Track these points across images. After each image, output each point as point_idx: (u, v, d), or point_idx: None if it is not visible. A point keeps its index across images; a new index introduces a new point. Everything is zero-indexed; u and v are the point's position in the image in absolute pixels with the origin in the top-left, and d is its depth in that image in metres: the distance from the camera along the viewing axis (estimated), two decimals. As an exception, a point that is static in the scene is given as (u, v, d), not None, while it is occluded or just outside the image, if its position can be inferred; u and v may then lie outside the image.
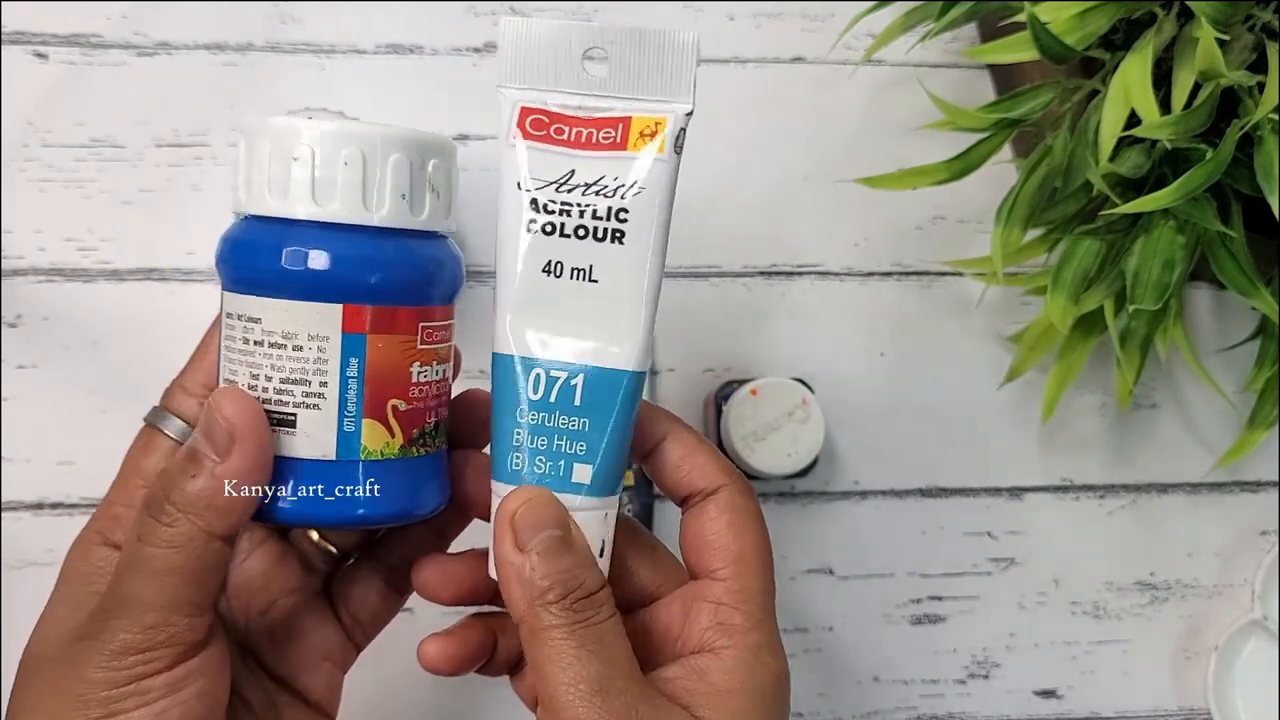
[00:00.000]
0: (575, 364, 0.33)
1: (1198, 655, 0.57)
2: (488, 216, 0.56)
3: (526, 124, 0.33)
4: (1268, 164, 0.43)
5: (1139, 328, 0.50)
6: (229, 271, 0.33)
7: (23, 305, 0.53)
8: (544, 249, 0.33)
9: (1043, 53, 0.44)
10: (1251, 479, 0.58)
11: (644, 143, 0.33)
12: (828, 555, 0.56)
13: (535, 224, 0.33)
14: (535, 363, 0.33)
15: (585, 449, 0.33)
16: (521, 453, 0.33)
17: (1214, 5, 0.43)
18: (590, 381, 0.33)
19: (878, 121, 0.59)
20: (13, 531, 0.52)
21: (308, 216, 0.32)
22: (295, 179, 0.32)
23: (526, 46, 0.33)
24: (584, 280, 0.33)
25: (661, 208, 0.33)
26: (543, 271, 0.33)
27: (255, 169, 0.32)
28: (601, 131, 0.33)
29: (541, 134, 0.33)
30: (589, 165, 0.33)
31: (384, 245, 0.32)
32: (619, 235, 0.33)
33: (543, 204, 0.33)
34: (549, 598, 0.31)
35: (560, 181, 0.33)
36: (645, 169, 0.33)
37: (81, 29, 0.55)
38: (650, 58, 0.33)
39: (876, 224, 0.58)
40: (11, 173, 0.54)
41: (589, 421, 0.33)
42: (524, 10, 0.58)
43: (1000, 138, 0.49)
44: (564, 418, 0.33)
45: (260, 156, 0.32)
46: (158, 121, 0.55)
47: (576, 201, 0.33)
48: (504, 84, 0.34)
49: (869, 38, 0.53)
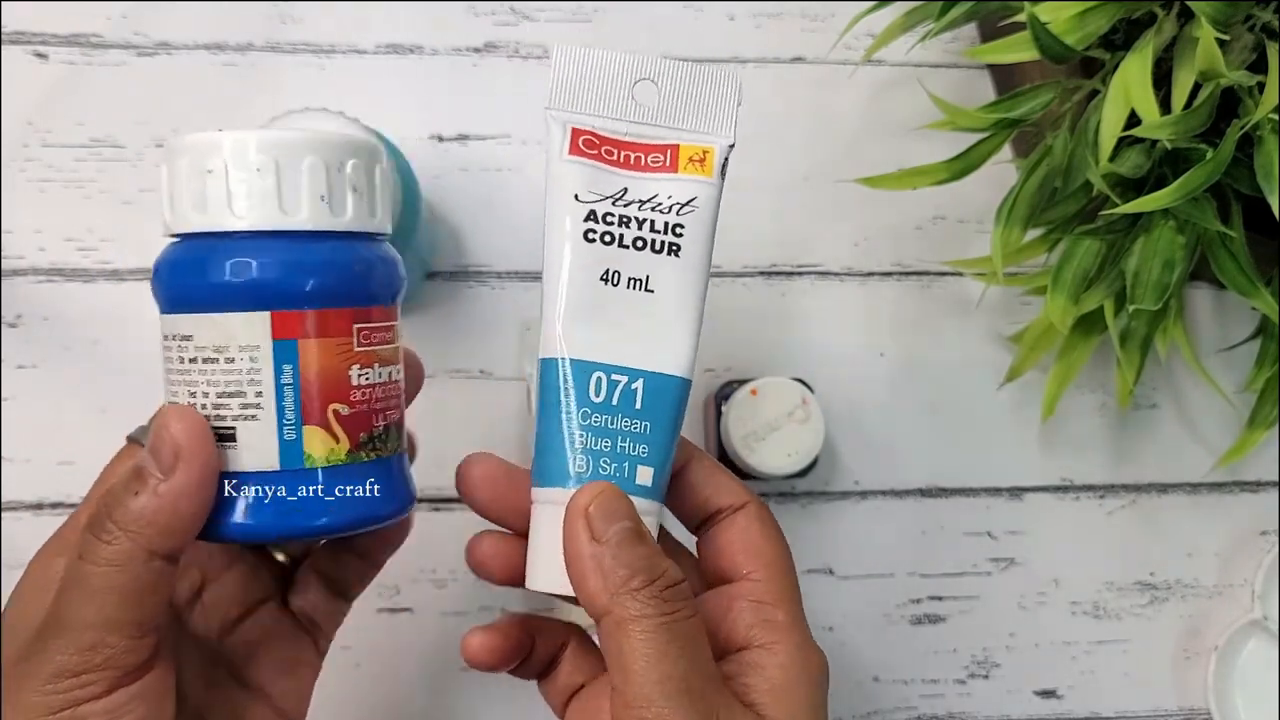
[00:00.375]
0: (636, 368, 0.34)
1: (1198, 655, 0.57)
2: (487, 216, 0.56)
3: (580, 143, 0.34)
4: (1268, 164, 0.43)
5: (1139, 328, 0.50)
6: (160, 294, 0.33)
7: (23, 305, 0.53)
8: (603, 258, 0.34)
9: (1043, 53, 0.44)
10: (1251, 479, 0.58)
11: (693, 167, 0.35)
12: (828, 555, 0.56)
13: (595, 233, 0.34)
14: (596, 366, 0.34)
15: (648, 451, 0.34)
16: (585, 455, 0.33)
17: (1214, 5, 0.43)
18: (650, 386, 0.34)
19: (878, 121, 0.59)
20: (13, 531, 0.52)
21: (228, 228, 0.31)
22: (211, 192, 0.32)
23: (579, 73, 0.34)
24: (640, 290, 0.34)
25: (711, 225, 0.35)
26: (600, 279, 0.34)
27: (176, 187, 0.32)
28: (650, 155, 0.35)
29: (593, 153, 0.34)
30: (641, 184, 0.34)
31: (307, 249, 0.32)
32: (675, 248, 0.34)
33: (601, 214, 0.34)
34: (634, 584, 0.31)
35: (615, 196, 0.34)
36: (697, 189, 0.34)
37: (81, 29, 0.55)
38: (697, 90, 0.35)
39: (876, 224, 0.58)
40: (11, 173, 0.54)
41: (650, 425, 0.34)
42: (525, 10, 0.58)
43: (1000, 138, 0.49)
44: (627, 420, 0.34)
45: (179, 175, 0.32)
46: (158, 121, 0.55)
47: (634, 215, 0.34)
48: (554, 107, 0.35)
49: (869, 38, 0.53)
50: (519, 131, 0.56)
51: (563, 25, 0.58)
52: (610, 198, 0.34)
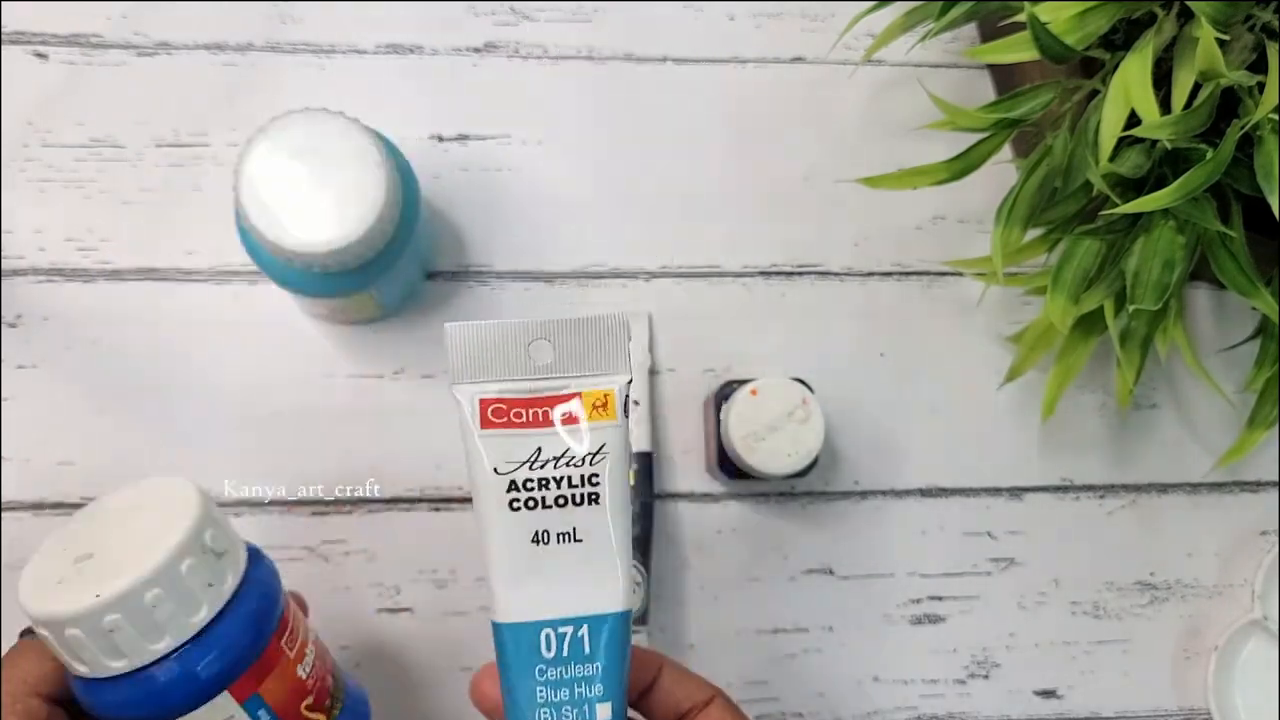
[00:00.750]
0: (579, 615, 0.36)
1: (1198, 655, 0.57)
2: (487, 216, 0.56)
3: (489, 414, 0.36)
4: (1268, 164, 0.43)
5: (1139, 328, 0.50)
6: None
7: (23, 305, 0.53)
8: (530, 522, 0.36)
9: (1043, 53, 0.44)
10: (1251, 479, 0.58)
11: (597, 414, 0.36)
12: (828, 555, 0.56)
13: (519, 501, 0.36)
14: (543, 624, 0.36)
15: (603, 690, 0.36)
16: (549, 708, 0.35)
17: (1214, 5, 0.43)
18: (594, 628, 0.36)
19: (878, 121, 0.59)
20: (13, 531, 0.52)
21: (149, 660, 0.36)
22: (116, 647, 0.35)
23: (476, 346, 0.36)
24: (569, 541, 0.36)
25: (625, 463, 0.36)
26: (532, 542, 0.36)
27: (81, 650, 0.35)
28: (557, 407, 0.36)
29: (503, 420, 0.36)
30: (552, 441, 0.36)
31: (222, 636, 0.37)
32: (595, 497, 0.36)
33: (521, 482, 0.36)
34: None
35: (531, 460, 0.36)
36: (604, 435, 0.36)
37: (81, 29, 0.55)
38: (588, 338, 0.36)
39: (876, 224, 0.58)
40: (11, 173, 0.54)
41: (602, 664, 0.36)
42: (525, 10, 0.58)
43: (1000, 138, 0.49)
44: (579, 666, 0.36)
45: (74, 640, 0.35)
46: (158, 121, 0.55)
47: (551, 475, 0.36)
48: (458, 382, 0.36)
49: (869, 38, 0.53)
50: (519, 131, 0.56)
51: (563, 25, 0.58)
52: (526, 463, 0.36)
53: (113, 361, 0.53)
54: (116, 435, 0.53)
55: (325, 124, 0.45)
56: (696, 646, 0.55)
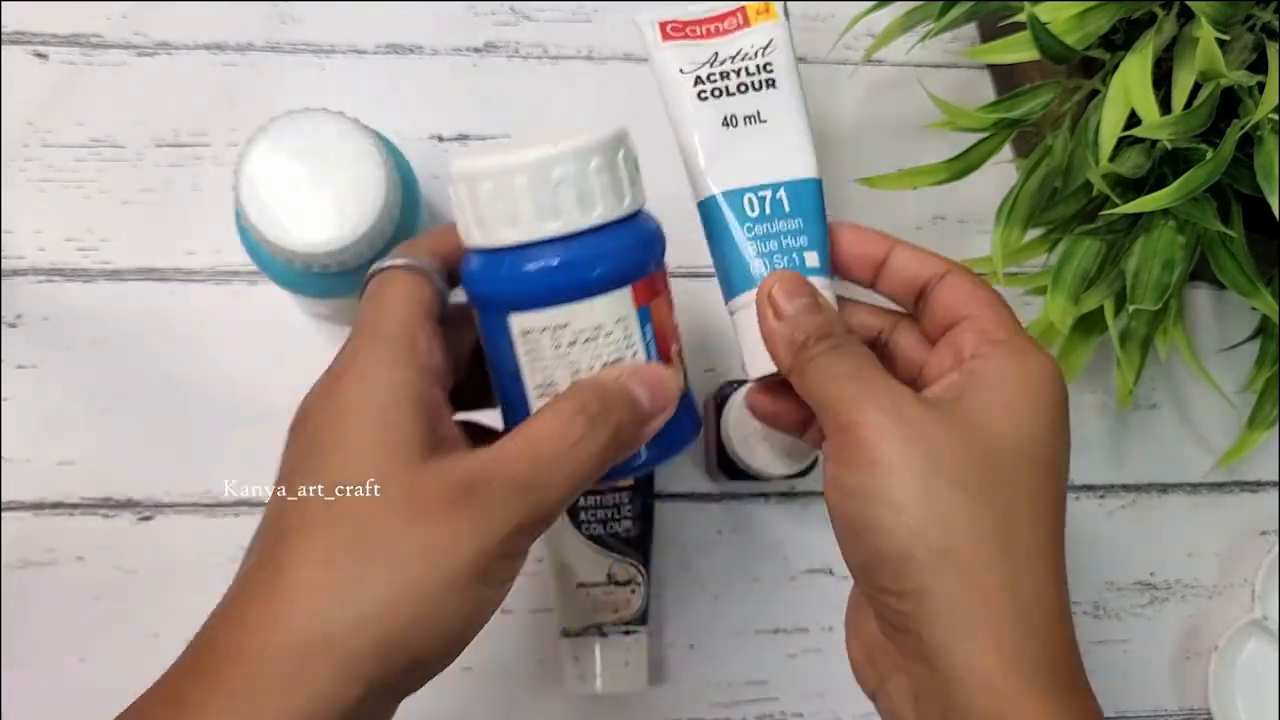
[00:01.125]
0: (774, 181, 0.42)
1: (1198, 655, 0.57)
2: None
3: (667, 30, 0.43)
4: (1267, 164, 0.43)
5: (1139, 328, 0.50)
6: (526, 295, 0.36)
7: (23, 305, 0.53)
8: (718, 109, 0.42)
9: (1043, 53, 0.44)
10: (1251, 479, 0.58)
11: (761, 18, 0.43)
12: (828, 555, 0.56)
13: (705, 92, 0.42)
14: (744, 190, 0.41)
15: (807, 241, 0.41)
16: (760, 259, 0.41)
17: (1214, 5, 0.43)
18: (790, 191, 0.42)
19: (878, 121, 0.59)
20: (13, 531, 0.52)
21: (578, 227, 0.36)
22: (556, 204, 0.36)
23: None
24: (756, 123, 0.42)
25: (791, 56, 0.43)
26: (722, 125, 0.42)
27: (520, 204, 0.35)
28: (725, 21, 0.44)
29: (680, 35, 0.43)
30: (726, 44, 0.43)
31: (637, 230, 0.38)
32: (771, 82, 0.43)
33: (704, 77, 0.43)
34: (811, 342, 0.36)
35: (710, 60, 0.43)
36: (771, 32, 0.43)
37: (81, 29, 0.55)
38: None
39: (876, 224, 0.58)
40: (11, 173, 0.54)
41: (802, 219, 0.41)
42: (525, 10, 0.58)
43: (1000, 138, 0.49)
44: (782, 222, 0.41)
45: (517, 189, 0.35)
46: (158, 121, 0.55)
47: (730, 69, 0.43)
48: (637, 14, 0.43)
49: (869, 38, 0.53)
50: (519, 131, 0.56)
51: (563, 25, 0.58)
52: (706, 63, 0.43)
53: (113, 361, 0.53)
54: (116, 435, 0.53)
55: (325, 124, 0.45)
56: (696, 646, 0.55)
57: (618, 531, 0.52)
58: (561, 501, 0.34)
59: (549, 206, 0.35)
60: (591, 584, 0.51)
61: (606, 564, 0.51)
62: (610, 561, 0.51)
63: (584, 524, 0.51)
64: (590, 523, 0.51)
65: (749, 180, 0.42)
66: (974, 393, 0.35)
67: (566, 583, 0.51)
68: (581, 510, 0.51)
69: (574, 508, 0.51)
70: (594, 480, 0.35)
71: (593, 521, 0.51)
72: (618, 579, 0.51)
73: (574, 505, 0.51)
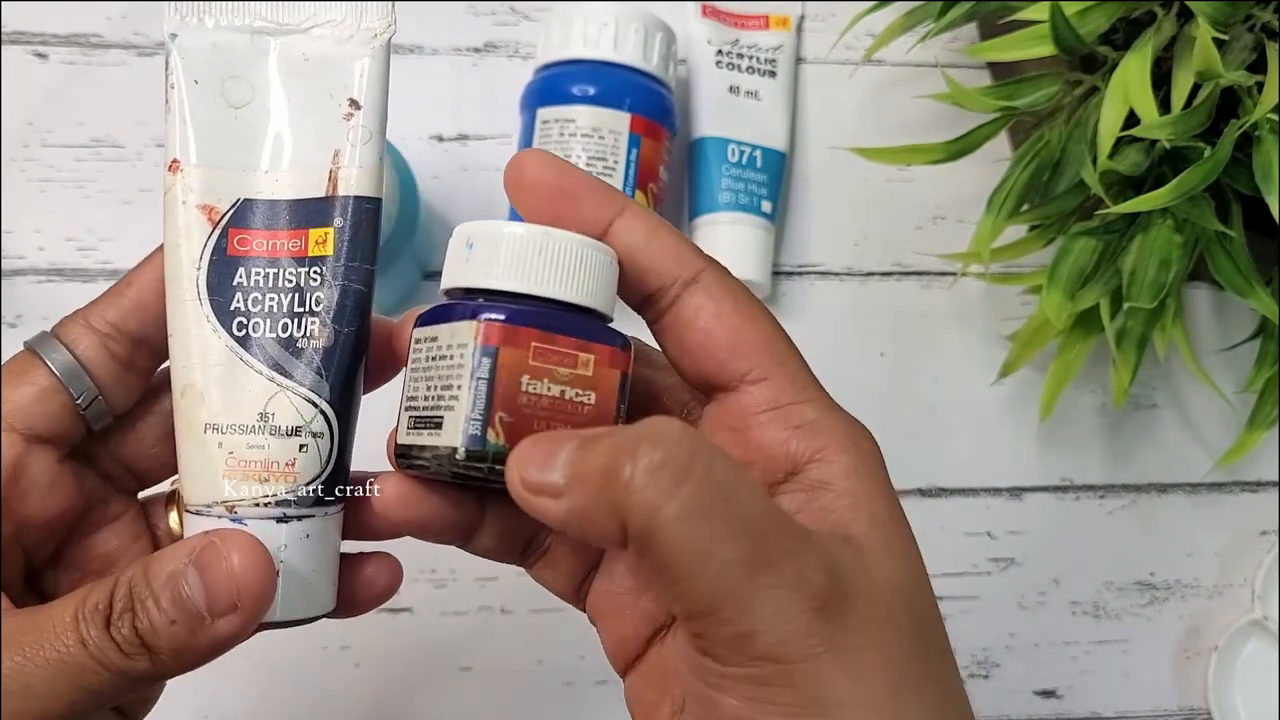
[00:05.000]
0: (754, 144, 0.56)
1: (1198, 655, 0.57)
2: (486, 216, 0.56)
3: (705, 10, 0.58)
4: (1266, 164, 0.43)
5: (1135, 327, 0.50)
6: (563, 92, 0.52)
7: (23, 305, 0.53)
8: (727, 78, 0.57)
9: (1057, 43, 0.44)
10: (1251, 479, 0.58)
11: (778, 25, 0.58)
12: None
13: (723, 61, 0.57)
14: (730, 141, 0.55)
15: (767, 191, 0.56)
16: (729, 192, 0.55)
17: (1213, 5, 0.43)
18: (764, 154, 0.56)
19: (878, 121, 0.59)
20: (13, 531, 0.52)
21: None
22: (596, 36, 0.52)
23: None
24: (753, 99, 0.57)
25: (793, 59, 0.58)
26: (728, 91, 0.57)
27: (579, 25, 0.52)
28: (750, 20, 0.58)
29: (714, 17, 0.58)
30: (747, 35, 0.58)
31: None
32: (772, 73, 0.58)
33: (725, 51, 0.57)
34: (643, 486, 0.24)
35: (733, 41, 0.57)
36: (782, 38, 0.58)
37: (81, 29, 0.55)
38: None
39: (876, 223, 0.58)
40: (11, 173, 0.54)
41: (766, 177, 0.56)
42: (525, 10, 0.58)
43: (999, 123, 0.49)
44: (752, 173, 0.55)
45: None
46: (158, 121, 0.55)
47: (745, 52, 0.57)
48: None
49: (869, 38, 0.53)
50: (519, 132, 0.56)
51: (562, 25, 0.58)
52: (729, 42, 0.57)
53: (113, 361, 0.53)
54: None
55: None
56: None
57: (294, 335, 0.30)
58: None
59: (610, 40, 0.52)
60: (229, 426, 0.30)
61: (262, 393, 0.30)
62: (271, 389, 0.30)
63: (233, 312, 0.30)
64: (246, 311, 0.31)
65: (736, 135, 0.56)
66: (858, 528, 0.27)
67: (191, 420, 0.30)
68: (230, 286, 0.31)
69: (214, 275, 0.31)
70: (108, 702, 0.28)
71: (251, 310, 0.31)
72: (277, 423, 0.30)
73: (210, 270, 0.31)
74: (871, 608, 0.25)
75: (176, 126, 0.32)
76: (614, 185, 0.40)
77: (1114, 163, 0.45)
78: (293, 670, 0.51)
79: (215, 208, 0.31)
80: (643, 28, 0.52)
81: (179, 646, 0.27)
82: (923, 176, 0.58)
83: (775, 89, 0.57)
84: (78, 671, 0.27)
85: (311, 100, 0.31)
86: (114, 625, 0.27)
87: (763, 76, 0.57)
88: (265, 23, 0.32)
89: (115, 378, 0.31)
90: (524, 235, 0.28)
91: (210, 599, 0.27)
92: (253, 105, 0.32)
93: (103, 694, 0.27)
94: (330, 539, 0.31)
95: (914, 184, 0.59)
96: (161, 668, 0.27)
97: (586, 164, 0.51)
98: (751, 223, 0.54)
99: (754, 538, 0.24)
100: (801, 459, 0.28)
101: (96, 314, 0.31)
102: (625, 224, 0.29)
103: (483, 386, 0.27)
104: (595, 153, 0.51)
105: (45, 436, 0.30)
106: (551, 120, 0.52)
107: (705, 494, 0.23)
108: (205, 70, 0.32)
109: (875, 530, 0.27)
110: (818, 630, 0.24)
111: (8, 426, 0.30)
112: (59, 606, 0.28)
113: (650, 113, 0.52)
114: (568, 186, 0.28)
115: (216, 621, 0.27)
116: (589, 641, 0.52)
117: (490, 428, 0.27)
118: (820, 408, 0.28)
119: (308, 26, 0.32)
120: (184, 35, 0.32)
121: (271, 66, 0.32)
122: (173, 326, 0.31)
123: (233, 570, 0.27)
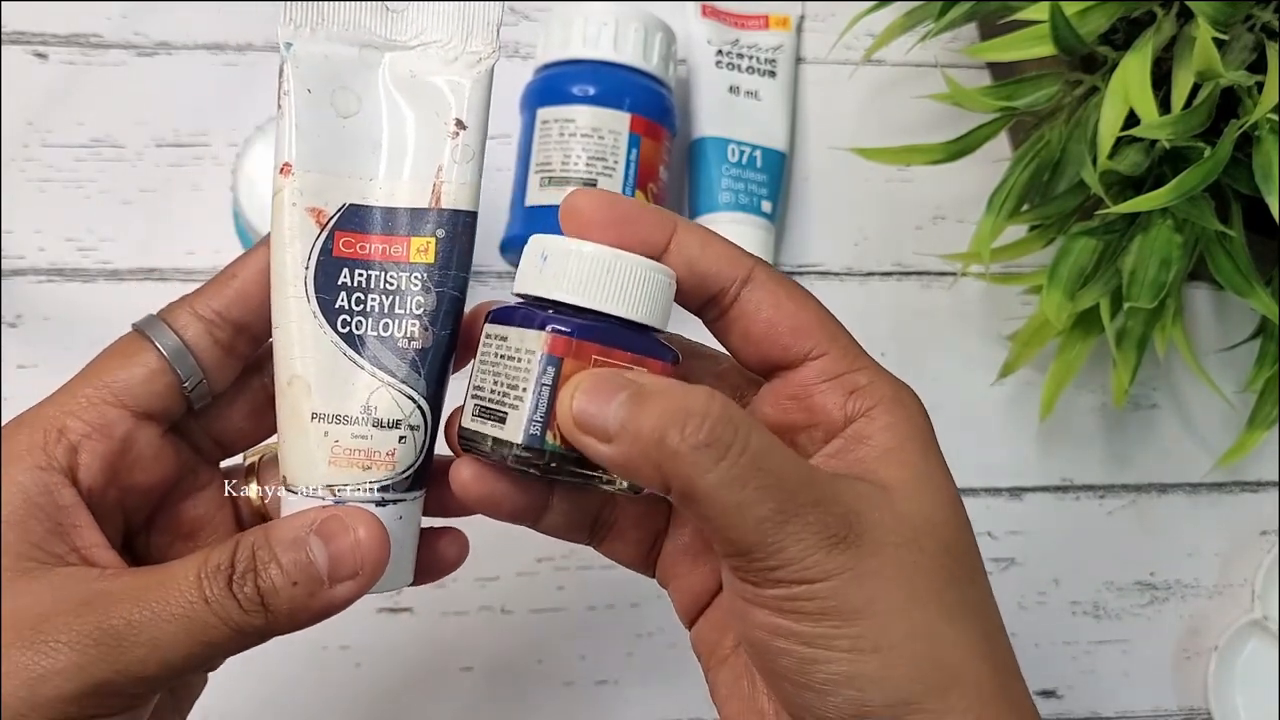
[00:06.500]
0: (754, 144, 0.56)
1: (1198, 655, 0.57)
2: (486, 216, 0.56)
3: (705, 10, 0.58)
4: (1266, 164, 0.43)
5: (1135, 327, 0.50)
6: (563, 92, 0.52)
7: (23, 305, 0.53)
8: (728, 78, 0.57)
9: (1057, 44, 0.44)
10: (1251, 479, 0.58)
11: (778, 25, 0.58)
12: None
13: (723, 62, 0.57)
14: (730, 141, 0.55)
15: (767, 191, 0.55)
16: (729, 192, 0.55)
17: (1213, 5, 0.43)
18: (764, 154, 0.56)
19: (878, 121, 0.59)
20: (13, 531, 0.52)
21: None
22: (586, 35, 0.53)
23: None
24: (753, 98, 0.57)
25: (793, 58, 0.58)
26: (728, 91, 0.57)
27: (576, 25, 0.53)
28: (750, 20, 0.58)
29: (715, 18, 0.58)
30: (747, 36, 0.58)
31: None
32: (772, 73, 0.58)
33: (726, 51, 0.57)
34: (687, 449, 0.27)
35: (733, 41, 0.57)
36: (781, 38, 0.58)
37: (81, 29, 0.55)
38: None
39: (876, 224, 0.58)
40: (11, 173, 0.54)
41: (766, 177, 0.56)
42: (525, 10, 0.58)
43: (999, 123, 0.49)
44: (752, 173, 0.55)
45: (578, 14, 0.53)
46: (158, 121, 0.55)
47: (745, 52, 0.57)
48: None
49: (869, 38, 0.53)
50: (519, 131, 0.56)
51: (562, 25, 0.58)
52: (729, 42, 0.57)
53: (113, 361, 0.53)
54: (116, 435, 0.53)
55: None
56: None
57: (394, 335, 0.33)
58: (168, 669, 0.29)
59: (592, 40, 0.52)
60: (334, 416, 0.33)
61: (365, 387, 0.33)
62: (373, 384, 0.33)
63: (338, 310, 0.33)
64: (349, 309, 0.33)
65: (736, 136, 0.56)
66: (887, 472, 0.31)
67: (297, 408, 0.33)
68: (335, 285, 0.33)
69: (321, 274, 0.33)
70: (222, 655, 0.30)
71: (354, 309, 0.33)
72: (379, 416, 0.33)
73: (318, 270, 0.33)
74: (891, 534, 0.29)
75: (289, 132, 0.34)
76: (614, 185, 0.50)
77: (1114, 163, 0.45)
78: (293, 670, 0.51)
79: (323, 210, 0.33)
80: (643, 28, 0.52)
81: (295, 607, 0.30)
82: (923, 176, 0.58)
83: (775, 89, 0.57)
84: (200, 626, 0.29)
85: (418, 116, 0.34)
86: (236, 584, 0.30)
87: (763, 76, 0.57)
88: (374, 36, 0.34)
89: (217, 362, 0.34)
90: (593, 255, 0.31)
91: (333, 565, 0.30)
92: (359, 115, 0.34)
93: (219, 646, 0.30)
94: (416, 519, 0.34)
95: (914, 184, 0.59)
96: (275, 624, 0.30)
97: (586, 164, 0.51)
98: (751, 223, 0.54)
99: (783, 496, 0.28)
100: (855, 416, 0.32)
101: (202, 302, 0.34)
102: (681, 239, 0.32)
103: (545, 392, 0.30)
104: (595, 153, 0.51)
105: (152, 414, 0.33)
106: (551, 120, 0.52)
107: (742, 465, 0.27)
108: (317, 80, 0.34)
109: (905, 471, 0.31)
110: (836, 558, 0.28)
111: (119, 403, 0.32)
112: (180, 566, 0.30)
113: (650, 113, 0.52)
114: (622, 214, 0.31)
115: (335, 586, 0.30)
116: (589, 641, 0.52)
117: (549, 430, 0.30)
118: (870, 374, 0.32)
119: (415, 45, 0.34)
120: (299, 44, 0.34)
121: (379, 80, 0.34)
122: (279, 319, 0.33)
123: (359, 541, 0.31)
